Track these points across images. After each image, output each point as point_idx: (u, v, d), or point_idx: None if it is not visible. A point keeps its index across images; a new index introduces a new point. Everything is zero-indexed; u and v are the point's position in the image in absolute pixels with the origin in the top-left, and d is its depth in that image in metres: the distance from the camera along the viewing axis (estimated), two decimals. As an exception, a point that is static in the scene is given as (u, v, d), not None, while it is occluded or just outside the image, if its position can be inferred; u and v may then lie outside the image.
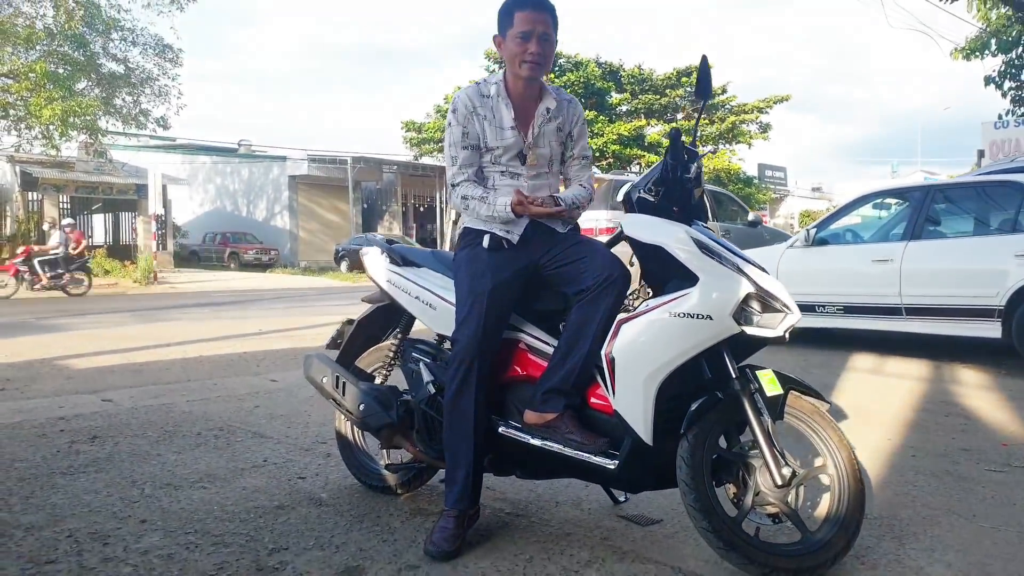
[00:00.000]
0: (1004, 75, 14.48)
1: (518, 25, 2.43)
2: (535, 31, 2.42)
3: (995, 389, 5.12)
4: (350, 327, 3.05)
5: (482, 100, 2.52)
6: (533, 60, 2.45)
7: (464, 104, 2.51)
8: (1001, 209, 6.15)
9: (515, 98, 2.53)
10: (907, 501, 2.87)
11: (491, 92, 2.52)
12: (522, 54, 2.44)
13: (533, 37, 2.43)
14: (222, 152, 34.97)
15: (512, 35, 2.44)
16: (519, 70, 2.47)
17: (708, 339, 2.15)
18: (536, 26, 2.43)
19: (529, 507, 2.80)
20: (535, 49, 2.44)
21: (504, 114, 2.51)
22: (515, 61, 2.46)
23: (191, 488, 3.00)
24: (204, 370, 5.86)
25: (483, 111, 2.50)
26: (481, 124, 2.50)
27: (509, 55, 2.48)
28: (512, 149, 2.52)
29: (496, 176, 2.54)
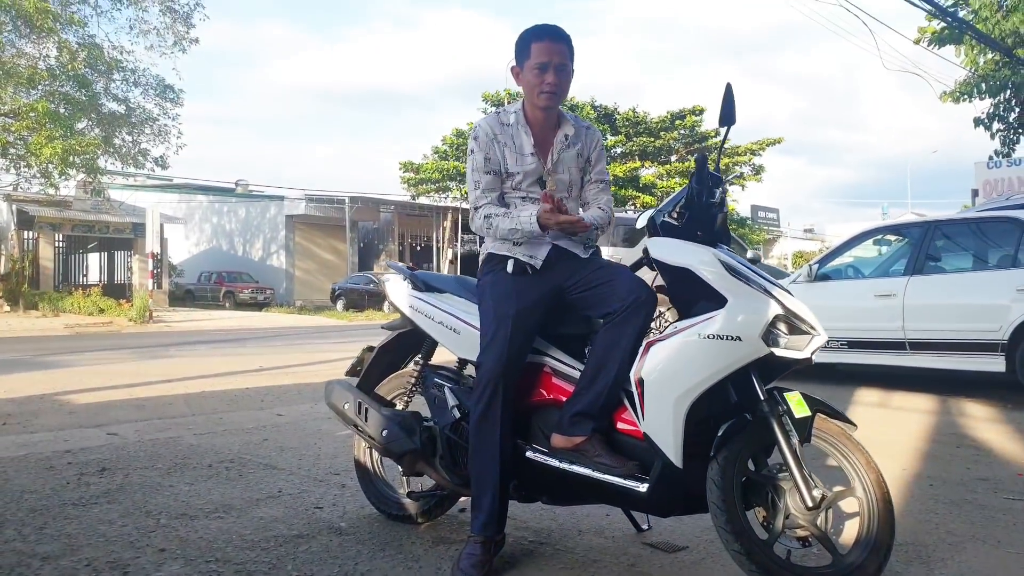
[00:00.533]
0: (992, 117, 14.76)
1: (535, 56, 2.48)
2: (552, 62, 2.48)
3: (1003, 422, 5.13)
4: (370, 354, 3.05)
5: (502, 128, 2.56)
6: (550, 90, 2.50)
7: (485, 132, 2.56)
8: (1000, 245, 6.23)
9: (534, 126, 2.57)
10: (931, 528, 2.87)
11: (510, 120, 2.57)
12: (540, 84, 2.49)
13: (550, 68, 2.48)
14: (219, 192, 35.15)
15: (530, 66, 2.50)
16: (537, 100, 2.53)
17: (738, 360, 2.17)
18: (553, 57, 2.48)
19: (552, 535, 2.79)
20: (552, 80, 2.49)
21: (524, 141, 2.55)
22: (533, 91, 2.52)
23: (207, 518, 2.97)
24: (208, 405, 5.82)
25: (503, 138, 2.55)
26: (501, 151, 2.54)
27: (527, 85, 2.53)
28: (532, 175, 2.56)
29: (518, 202, 2.57)
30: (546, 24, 2.54)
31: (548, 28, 2.52)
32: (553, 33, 2.50)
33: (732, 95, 2.32)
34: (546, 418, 2.48)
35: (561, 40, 2.50)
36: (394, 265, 3.09)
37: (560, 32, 2.51)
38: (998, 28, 13.61)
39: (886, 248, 7.97)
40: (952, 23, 14.28)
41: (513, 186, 2.57)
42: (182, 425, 4.94)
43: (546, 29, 2.52)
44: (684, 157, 34.28)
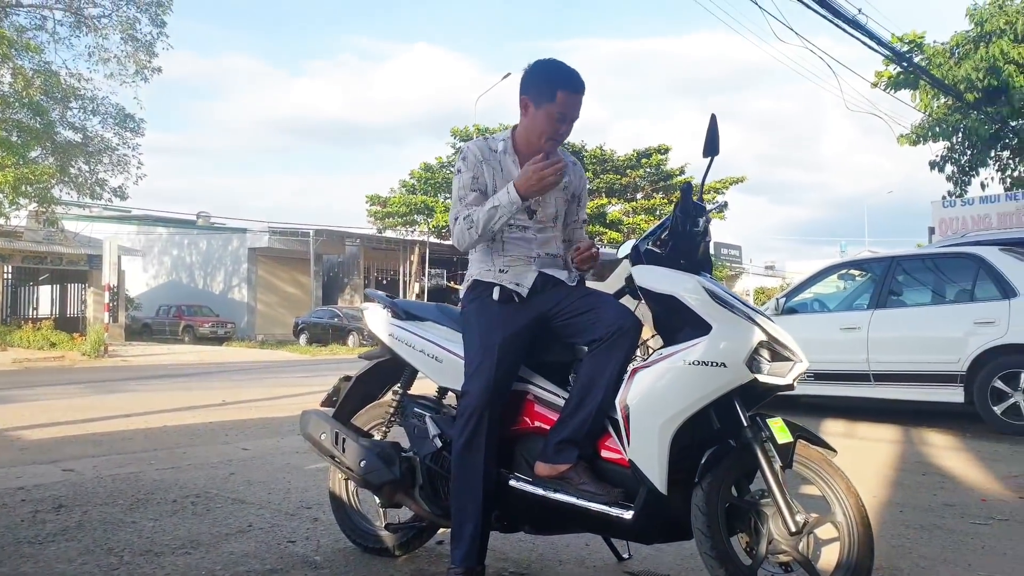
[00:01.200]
0: (946, 160, 15.28)
1: (560, 105, 2.45)
2: (571, 115, 2.48)
3: (964, 450, 5.24)
4: (347, 384, 3.01)
5: (491, 153, 2.56)
6: (560, 140, 2.53)
7: (474, 154, 2.55)
8: (959, 279, 6.42)
9: (523, 156, 2.56)
10: (903, 552, 2.91)
11: (499, 147, 2.57)
12: (553, 133, 2.49)
13: (568, 120, 2.49)
14: (180, 224, 34.67)
15: (549, 111, 2.46)
16: (543, 143, 2.51)
17: (722, 386, 2.19)
18: (573, 110, 2.48)
19: (532, 566, 2.76)
20: (564, 131, 2.51)
21: (511, 169, 2.54)
22: (541, 134, 2.50)
23: (173, 555, 2.88)
24: (170, 440, 5.68)
25: (492, 164, 2.55)
26: (491, 174, 2.54)
27: (536, 125, 2.50)
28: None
29: (504, 229, 2.55)
30: (576, 74, 2.49)
31: (578, 80, 2.48)
32: (582, 86, 2.48)
33: (716, 126, 2.36)
34: (529, 446, 2.47)
35: (583, 92, 2.49)
36: (374, 294, 3.06)
37: (584, 84, 2.50)
38: (951, 74, 14.15)
39: (850, 283, 8.15)
40: (908, 68, 14.82)
41: None
42: (143, 460, 4.80)
43: (577, 81, 2.47)
44: (650, 194, 34.75)
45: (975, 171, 15.31)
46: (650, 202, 33.87)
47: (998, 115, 14.07)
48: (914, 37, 15.22)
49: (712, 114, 2.36)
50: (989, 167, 15.46)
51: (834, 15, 10.23)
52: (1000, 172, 15.54)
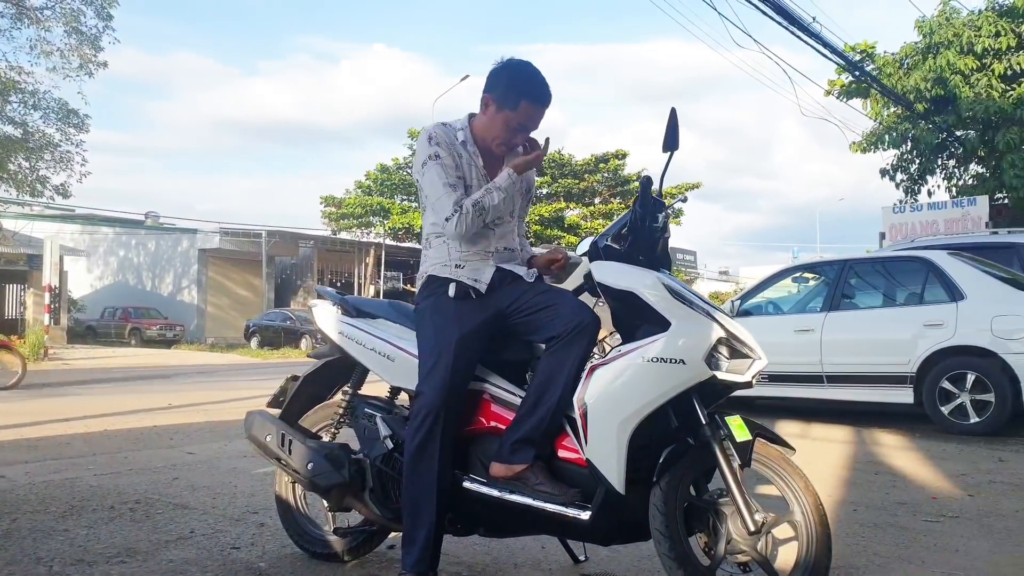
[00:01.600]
0: (896, 168, 15.63)
1: (522, 115, 2.40)
2: (530, 127, 2.44)
3: (914, 449, 5.32)
4: (294, 384, 2.90)
5: (455, 141, 2.48)
6: (513, 148, 2.48)
7: (444, 139, 2.45)
8: (910, 282, 6.53)
9: (482, 147, 2.50)
10: (859, 551, 2.91)
11: (459, 138, 2.49)
12: (507, 140, 2.45)
13: (526, 131, 2.44)
14: (127, 224, 33.79)
15: (510, 118, 2.40)
16: (494, 146, 2.47)
17: (681, 384, 2.14)
18: (535, 123, 2.44)
19: (487, 569, 2.68)
20: (519, 141, 2.46)
21: (473, 161, 2.48)
22: (495, 139, 2.45)
23: (108, 564, 2.74)
24: (111, 444, 5.47)
25: (459, 150, 2.47)
26: (459, 161, 2.46)
27: (493, 127, 2.44)
28: None
29: None
30: (544, 86, 2.42)
31: (546, 93, 2.42)
32: (548, 100, 2.43)
33: (676, 121, 2.32)
34: (485, 447, 2.40)
35: (549, 104, 2.44)
36: (323, 290, 2.96)
37: (551, 98, 2.44)
38: (900, 84, 14.49)
39: (803, 286, 8.25)
40: (859, 77, 15.14)
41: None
42: (80, 466, 4.60)
43: (544, 94, 2.42)
44: (607, 199, 34.96)
45: (923, 179, 15.69)
46: (608, 207, 34.08)
47: (944, 124, 14.45)
48: (865, 47, 15.58)
49: (672, 108, 2.32)
50: (936, 175, 15.87)
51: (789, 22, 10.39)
52: (947, 180, 15.97)
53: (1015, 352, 5.66)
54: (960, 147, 15.03)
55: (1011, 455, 5.09)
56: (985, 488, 4.06)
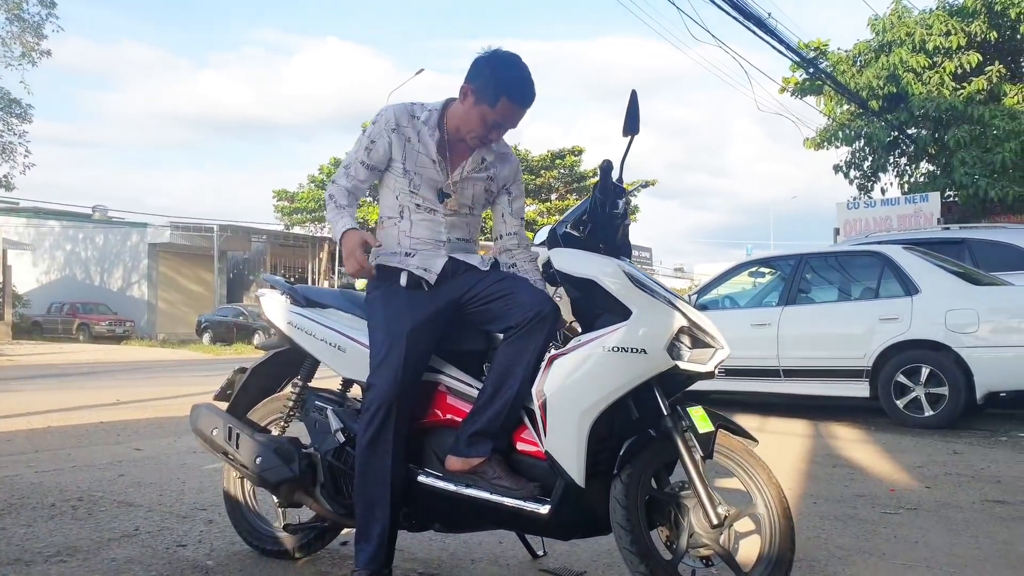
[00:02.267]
0: (849, 164, 15.87)
1: (500, 112, 2.28)
2: (508, 125, 2.34)
3: (871, 442, 5.36)
4: (242, 376, 2.79)
5: (410, 120, 2.36)
6: (486, 144, 2.38)
7: (387, 120, 2.34)
8: (865, 277, 6.59)
9: (450, 136, 2.39)
10: (820, 543, 2.90)
11: (421, 116, 2.37)
12: (482, 136, 2.34)
13: (503, 129, 2.35)
14: (74, 217, 32.89)
15: (488, 113, 2.27)
16: (470, 139, 2.35)
17: (642, 374, 2.08)
18: (513, 122, 2.33)
19: (443, 566, 2.61)
20: (496, 137, 2.37)
21: (429, 143, 2.36)
22: (469, 132, 2.33)
23: (46, 563, 2.61)
24: (54, 440, 5.27)
25: (407, 131, 2.35)
26: (401, 144, 2.34)
27: (469, 119, 2.31)
28: (430, 183, 2.37)
29: (412, 208, 2.37)
30: (529, 85, 2.30)
31: (529, 93, 2.31)
32: (530, 100, 2.32)
33: (637, 104, 2.25)
34: (440, 440, 2.32)
35: (529, 106, 2.34)
36: (271, 279, 2.85)
37: (534, 97, 2.33)
38: (853, 81, 14.71)
39: (760, 280, 8.30)
40: (813, 74, 15.34)
41: (411, 188, 2.37)
42: (21, 462, 4.42)
43: (527, 94, 2.30)
44: (564, 195, 35.05)
45: (876, 176, 15.96)
46: (564, 203, 34.17)
47: (897, 122, 14.71)
48: (819, 44, 15.78)
49: (633, 90, 2.25)
50: (889, 173, 16.15)
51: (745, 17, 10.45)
52: (899, 178, 16.25)
53: (968, 346, 5.75)
54: (912, 144, 15.31)
55: (965, 447, 5.16)
56: (942, 480, 4.09)
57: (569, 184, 35.27)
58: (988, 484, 3.99)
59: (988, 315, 5.78)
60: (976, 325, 5.76)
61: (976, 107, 13.51)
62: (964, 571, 2.58)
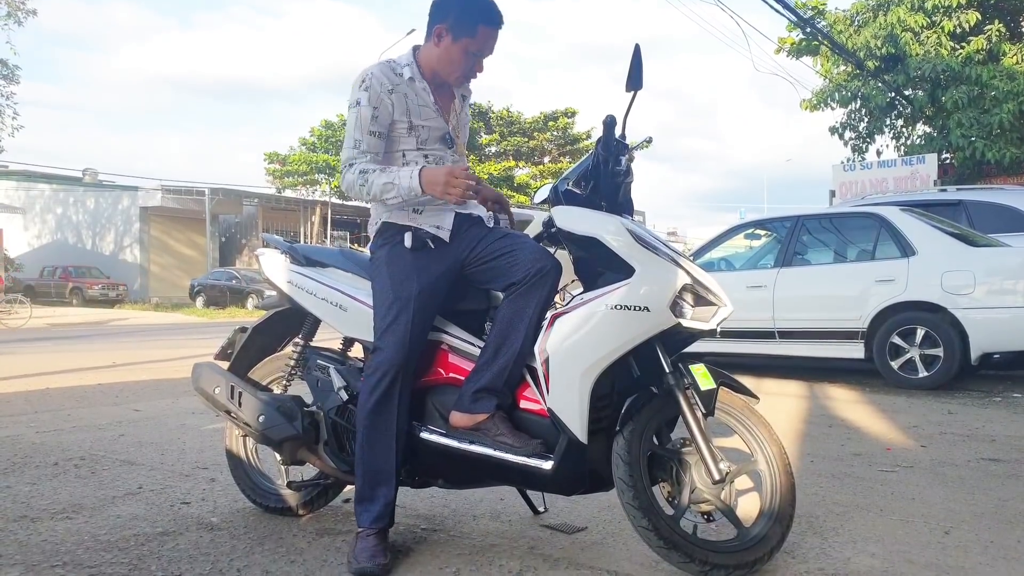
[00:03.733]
0: (845, 126, 15.77)
1: (479, 40, 2.26)
2: (487, 51, 2.32)
3: (865, 403, 5.40)
4: (243, 335, 2.78)
5: (396, 77, 2.32)
6: (472, 78, 2.37)
7: (380, 82, 2.28)
8: (861, 239, 6.58)
9: (432, 83, 2.37)
10: (818, 500, 2.93)
11: (404, 74, 2.33)
12: (467, 70, 2.32)
13: (483, 57, 2.32)
14: (64, 181, 32.59)
15: (467, 45, 2.26)
16: (451, 78, 2.34)
17: (645, 331, 2.09)
18: (492, 46, 2.31)
19: (446, 522, 2.63)
20: (479, 68, 2.34)
21: (423, 95, 2.34)
22: (453, 69, 2.31)
23: (52, 520, 2.63)
24: (54, 401, 5.28)
25: (402, 88, 2.32)
26: (402, 103, 2.30)
27: (449, 58, 2.29)
28: (437, 133, 2.36)
29: (419, 161, 2.33)
30: (496, 7, 2.29)
31: (500, 14, 2.29)
32: (502, 20, 2.30)
33: (640, 58, 2.22)
34: (443, 398, 2.32)
35: (502, 27, 2.31)
36: (271, 238, 2.83)
37: (504, 18, 2.31)
38: (850, 42, 14.54)
39: (756, 242, 8.28)
40: (810, 34, 15.15)
41: (418, 143, 2.34)
42: (22, 423, 4.43)
43: (499, 15, 2.29)
44: (556, 158, 34.83)
45: (872, 138, 15.87)
46: (557, 166, 34.00)
47: (894, 84, 14.59)
48: (817, 3, 15.56)
49: (636, 44, 2.21)
50: (885, 135, 16.06)
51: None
52: (895, 140, 16.17)
53: (964, 307, 5.77)
54: (908, 106, 15.21)
55: (959, 407, 5.21)
56: (937, 439, 4.13)
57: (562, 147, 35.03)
58: (983, 443, 4.03)
59: (984, 277, 5.79)
60: (972, 287, 5.77)
61: (974, 67, 13.39)
62: (960, 526, 2.62)
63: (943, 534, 2.53)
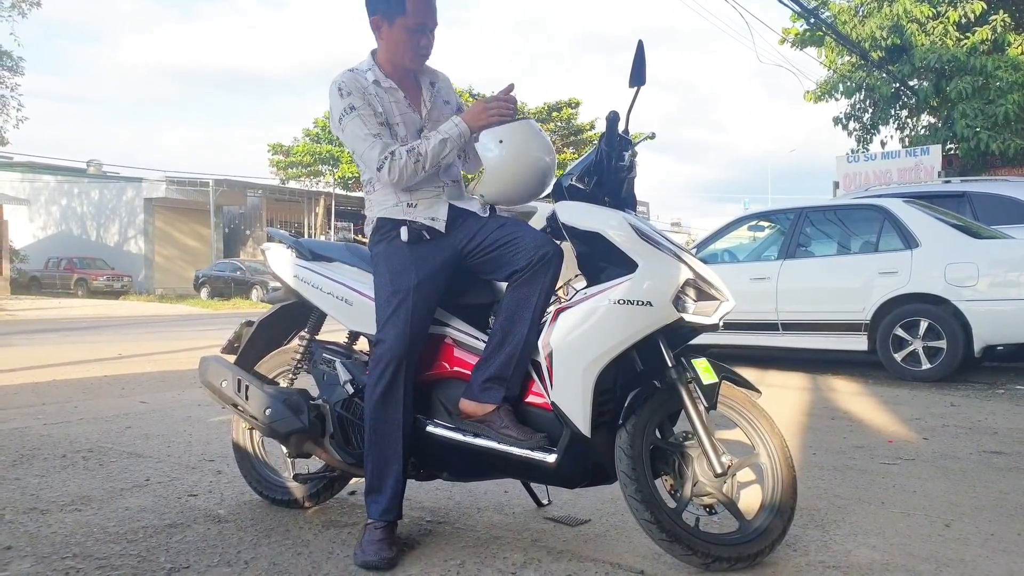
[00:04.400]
0: (849, 117, 15.71)
1: (414, 14, 2.29)
2: (429, 24, 2.33)
3: (868, 395, 5.42)
4: (249, 329, 2.81)
5: (364, 81, 2.36)
6: (426, 54, 2.38)
7: (356, 87, 2.32)
8: (865, 231, 6.58)
9: (395, 79, 2.40)
10: (819, 493, 2.95)
11: (369, 75, 2.37)
12: (415, 47, 2.34)
13: (427, 31, 2.34)
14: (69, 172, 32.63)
15: (404, 24, 2.30)
16: (406, 61, 2.37)
17: (648, 326, 2.11)
18: (430, 17, 2.33)
19: (450, 514, 2.66)
20: (427, 43, 2.36)
21: (394, 92, 2.38)
22: (404, 52, 2.35)
23: (61, 512, 2.66)
24: (60, 394, 5.32)
25: (372, 89, 2.35)
26: (376, 105, 2.34)
27: (395, 43, 2.34)
28: (412, 127, 2.39)
29: None
30: None
31: None
32: None
33: (643, 54, 2.23)
34: (448, 392, 2.35)
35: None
36: (276, 233, 2.85)
37: None
38: (855, 32, 14.47)
39: (759, 234, 8.29)
40: (814, 25, 15.08)
41: (400, 142, 2.35)
42: (30, 415, 4.47)
43: None
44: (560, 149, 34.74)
45: (876, 129, 15.81)
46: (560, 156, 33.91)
47: (899, 75, 14.52)
48: (821, -7, 15.49)
49: (639, 41, 2.23)
50: (889, 125, 15.99)
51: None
52: (899, 131, 16.11)
53: (967, 299, 5.78)
54: (913, 97, 15.14)
55: (962, 400, 5.22)
56: (939, 432, 4.15)
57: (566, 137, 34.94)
58: (985, 435, 4.05)
59: (987, 268, 5.80)
60: (975, 279, 5.78)
61: (979, 58, 13.32)
62: (961, 519, 2.63)
63: (944, 526, 2.55)
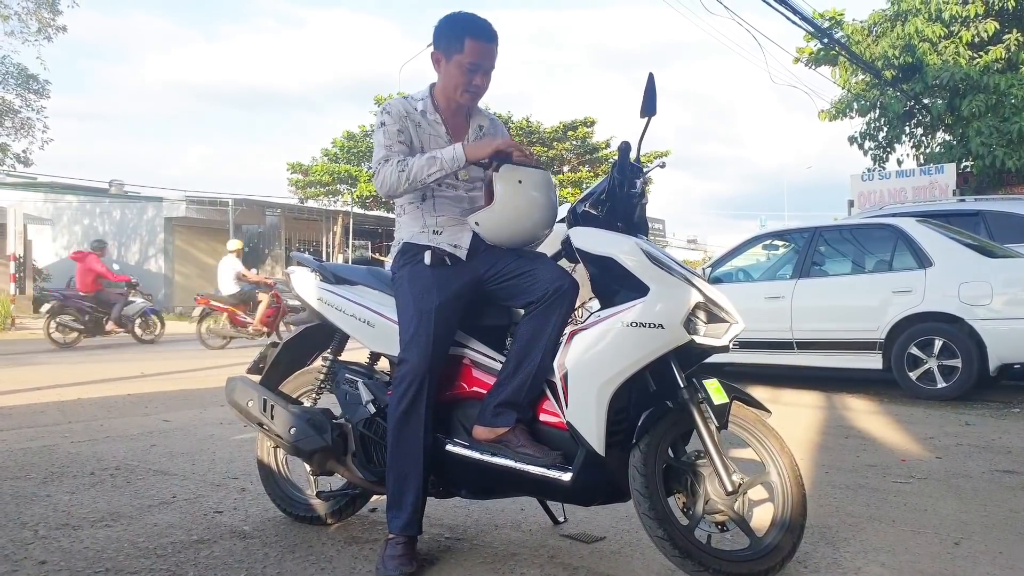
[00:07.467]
0: (864, 136, 15.74)
1: (469, 55, 2.41)
2: (484, 65, 2.44)
3: (882, 414, 5.44)
4: (274, 350, 2.90)
5: (411, 110, 2.50)
6: (477, 92, 2.48)
7: (398, 110, 2.48)
8: (879, 249, 6.62)
9: (445, 113, 2.53)
10: (831, 511, 2.99)
11: (418, 107, 2.51)
12: (467, 84, 2.45)
13: (481, 71, 2.44)
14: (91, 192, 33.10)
15: (460, 62, 2.42)
16: (458, 97, 2.48)
17: (660, 348, 2.18)
18: (486, 60, 2.44)
19: (468, 531, 2.73)
20: (480, 82, 2.46)
21: (436, 124, 2.51)
22: (456, 87, 2.46)
23: (93, 527, 2.75)
24: (86, 412, 5.43)
25: (416, 117, 2.50)
26: (416, 131, 2.48)
27: (450, 78, 2.46)
28: None
29: (434, 188, 2.49)
30: (485, 21, 2.45)
31: (487, 28, 2.44)
32: (491, 35, 2.44)
33: (654, 85, 2.33)
34: (467, 411, 2.43)
35: (495, 41, 2.45)
36: (301, 257, 2.95)
37: (496, 34, 2.45)
38: (868, 51, 14.55)
39: (773, 253, 8.33)
40: (828, 44, 15.17)
41: None
42: (57, 433, 4.58)
43: (486, 29, 2.43)
44: (576, 167, 34.82)
45: (892, 147, 15.82)
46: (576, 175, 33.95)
47: (912, 92, 14.55)
48: (834, 14, 15.57)
49: (650, 73, 2.32)
50: (904, 143, 16.01)
51: (761, -12, 10.35)
52: (915, 148, 16.11)
53: (981, 318, 5.79)
54: (927, 115, 15.16)
55: (977, 419, 5.23)
56: (952, 451, 4.17)
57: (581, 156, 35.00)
58: (998, 455, 4.06)
59: (1002, 287, 5.81)
60: (990, 297, 5.80)
61: (993, 76, 13.34)
62: (972, 538, 2.67)
63: (953, 545, 2.59)
